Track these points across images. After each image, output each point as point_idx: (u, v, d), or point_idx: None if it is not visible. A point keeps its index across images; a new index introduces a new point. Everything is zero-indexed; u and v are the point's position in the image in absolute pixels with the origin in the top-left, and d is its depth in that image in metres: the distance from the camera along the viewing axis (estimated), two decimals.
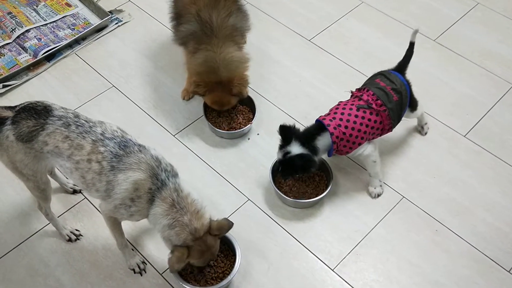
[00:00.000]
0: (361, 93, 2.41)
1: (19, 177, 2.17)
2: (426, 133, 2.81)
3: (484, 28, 3.40)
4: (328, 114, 2.40)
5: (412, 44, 2.56)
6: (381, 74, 2.51)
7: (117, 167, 1.94)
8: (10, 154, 2.06)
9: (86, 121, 2.03)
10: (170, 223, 1.94)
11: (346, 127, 2.33)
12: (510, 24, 3.43)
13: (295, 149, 2.33)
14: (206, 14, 2.59)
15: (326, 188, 2.53)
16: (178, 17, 2.76)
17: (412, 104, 2.56)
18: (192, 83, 2.70)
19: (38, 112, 2.03)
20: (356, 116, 2.35)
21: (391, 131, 2.50)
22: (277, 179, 2.61)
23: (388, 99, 2.38)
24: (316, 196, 2.52)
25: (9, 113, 2.05)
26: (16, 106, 2.08)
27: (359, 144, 2.39)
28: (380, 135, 2.48)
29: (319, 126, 2.37)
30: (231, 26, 2.65)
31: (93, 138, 1.98)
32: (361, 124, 2.35)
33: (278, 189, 2.55)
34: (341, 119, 2.34)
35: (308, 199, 2.53)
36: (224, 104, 2.72)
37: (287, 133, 2.37)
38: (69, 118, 2.02)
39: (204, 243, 1.99)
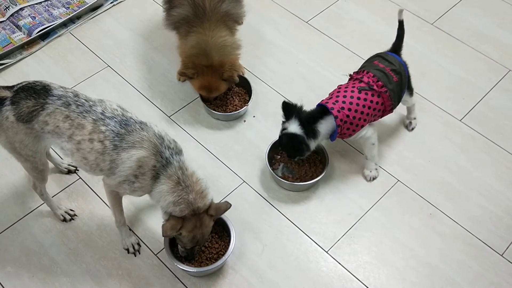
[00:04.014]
0: (361, 75, 2.40)
1: (16, 158, 2.15)
2: (413, 129, 2.77)
3: (482, 13, 3.38)
4: (330, 98, 2.38)
5: (401, 23, 2.55)
6: (378, 56, 2.50)
7: (120, 146, 1.94)
8: (10, 135, 2.04)
9: (86, 100, 2.02)
10: (176, 200, 1.95)
11: (349, 109, 2.32)
12: (508, 8, 3.42)
13: (292, 127, 2.33)
14: None
15: (322, 171, 2.53)
16: (170, 0, 2.73)
17: (409, 87, 2.55)
18: (181, 64, 2.66)
19: (37, 92, 2.00)
20: (359, 98, 2.33)
21: (392, 112, 2.49)
22: (272, 161, 2.61)
23: (388, 80, 2.37)
24: (312, 179, 2.52)
25: (8, 93, 2.02)
26: (14, 86, 2.05)
27: (362, 126, 2.38)
28: (381, 117, 2.48)
29: (322, 110, 2.35)
30: (224, 12, 2.62)
31: (94, 117, 1.97)
32: (363, 106, 2.34)
33: (274, 171, 2.55)
34: (344, 102, 2.32)
35: (304, 181, 2.53)
36: (213, 90, 2.68)
37: (289, 110, 2.37)
38: (68, 97, 2.00)
39: (200, 220, 2.01)
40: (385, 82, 2.36)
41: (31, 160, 2.13)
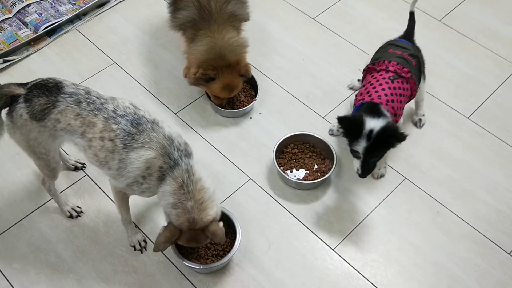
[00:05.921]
0: (384, 66, 2.37)
1: (29, 155, 2.15)
2: (423, 125, 2.75)
3: (489, 9, 3.36)
4: (369, 95, 2.28)
5: (412, 14, 2.56)
6: (390, 44, 2.49)
7: (130, 145, 1.92)
8: (24, 132, 2.04)
9: (97, 97, 2.00)
10: (175, 202, 1.93)
11: (392, 101, 2.28)
12: None
13: (376, 123, 2.15)
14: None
15: (329, 170, 2.52)
16: (175, 1, 2.72)
17: (423, 72, 2.55)
18: (198, 68, 2.59)
19: (49, 89, 2.00)
20: (394, 88, 2.30)
21: (415, 96, 2.49)
22: (278, 159, 2.60)
23: (409, 65, 2.36)
24: (319, 178, 2.51)
25: (22, 91, 2.02)
26: (28, 83, 2.05)
27: (401, 115, 2.36)
28: (407, 103, 2.45)
29: (372, 106, 2.25)
30: (230, 13, 2.61)
31: (105, 115, 1.95)
32: (400, 95, 2.31)
33: (281, 169, 2.54)
34: (385, 95, 2.27)
35: (311, 180, 2.52)
36: (234, 88, 2.67)
37: (347, 121, 2.20)
38: (80, 95, 1.99)
39: (195, 237, 1.99)
40: (408, 67, 2.35)
41: (44, 158, 2.13)
